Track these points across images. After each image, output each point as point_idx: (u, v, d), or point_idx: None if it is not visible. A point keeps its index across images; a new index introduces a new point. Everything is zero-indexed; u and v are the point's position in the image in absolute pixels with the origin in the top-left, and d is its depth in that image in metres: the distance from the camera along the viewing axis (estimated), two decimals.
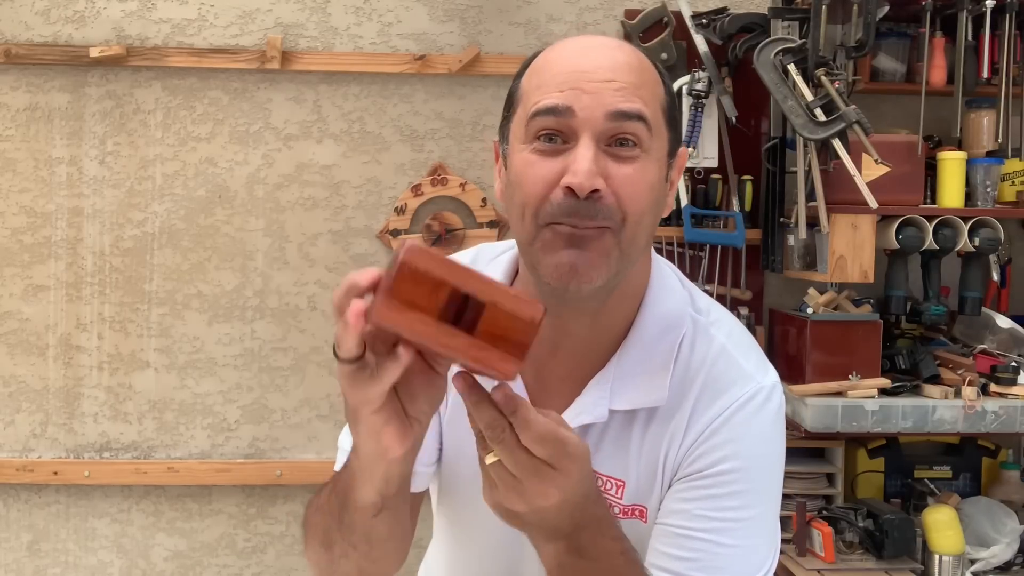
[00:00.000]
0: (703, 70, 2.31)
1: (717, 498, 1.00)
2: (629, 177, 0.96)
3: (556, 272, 0.96)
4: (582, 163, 0.93)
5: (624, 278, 1.02)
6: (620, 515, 1.04)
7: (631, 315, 1.06)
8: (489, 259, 1.16)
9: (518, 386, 1.05)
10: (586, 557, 0.89)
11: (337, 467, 1.13)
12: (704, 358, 1.04)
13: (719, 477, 1.01)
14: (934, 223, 2.14)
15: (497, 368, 0.77)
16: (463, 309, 0.75)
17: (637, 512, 1.04)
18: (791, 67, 2.08)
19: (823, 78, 2.06)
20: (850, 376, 2.11)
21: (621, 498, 1.04)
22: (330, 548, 1.01)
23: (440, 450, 1.15)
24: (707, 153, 2.34)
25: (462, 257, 1.19)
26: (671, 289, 1.09)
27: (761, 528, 1.03)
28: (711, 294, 2.37)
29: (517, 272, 1.11)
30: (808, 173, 2.13)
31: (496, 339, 0.76)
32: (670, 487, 1.04)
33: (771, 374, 1.07)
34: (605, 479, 1.04)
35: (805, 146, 2.13)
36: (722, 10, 2.34)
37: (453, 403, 1.09)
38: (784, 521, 2.18)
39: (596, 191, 0.94)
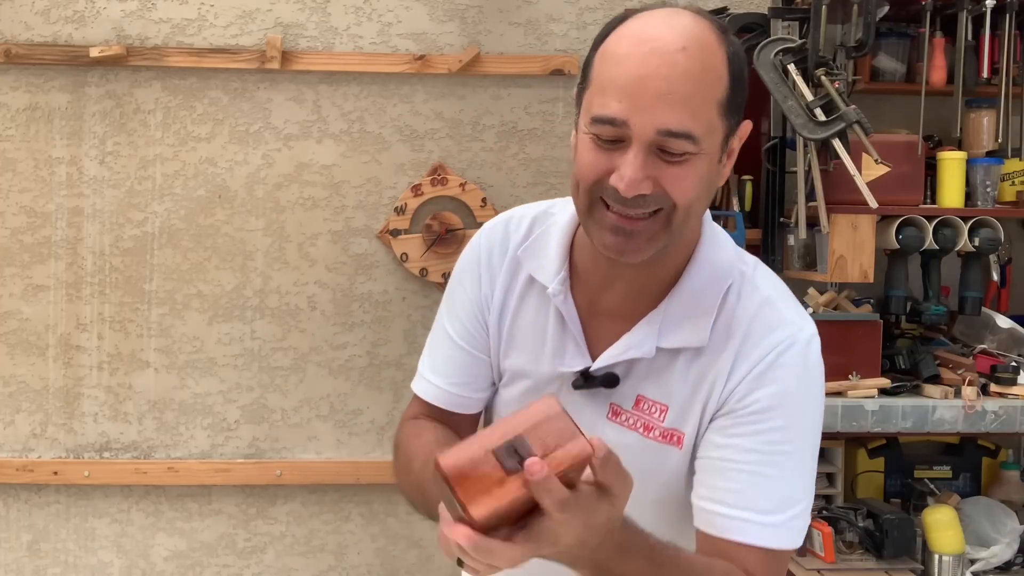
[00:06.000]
0: None
1: (762, 432, 1.09)
2: (678, 176, 1.03)
3: (605, 249, 1.07)
4: (628, 170, 1.01)
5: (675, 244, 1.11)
6: (659, 438, 1.13)
7: (683, 264, 1.16)
8: (549, 221, 1.23)
9: (571, 315, 1.16)
10: None
11: (414, 387, 1.28)
12: (749, 304, 1.14)
13: (763, 414, 1.09)
14: (934, 223, 2.13)
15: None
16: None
17: (676, 438, 1.13)
18: (791, 67, 2.08)
19: (823, 78, 2.06)
20: (850, 376, 2.11)
21: (663, 421, 1.14)
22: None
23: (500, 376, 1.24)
24: None
25: (530, 211, 1.25)
26: (722, 245, 1.19)
27: (801, 463, 1.12)
28: None
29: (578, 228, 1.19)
30: (808, 173, 2.13)
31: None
32: (711, 421, 1.12)
33: (811, 323, 1.16)
34: (651, 403, 1.14)
35: (805, 146, 2.12)
36: (722, 10, 2.34)
37: (510, 327, 1.20)
38: None
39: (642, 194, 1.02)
